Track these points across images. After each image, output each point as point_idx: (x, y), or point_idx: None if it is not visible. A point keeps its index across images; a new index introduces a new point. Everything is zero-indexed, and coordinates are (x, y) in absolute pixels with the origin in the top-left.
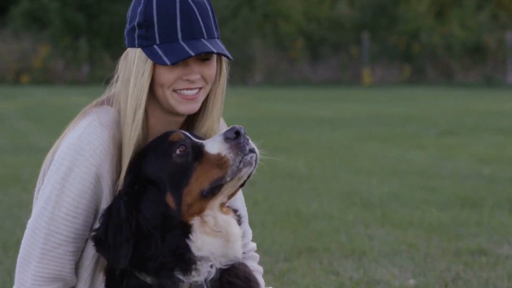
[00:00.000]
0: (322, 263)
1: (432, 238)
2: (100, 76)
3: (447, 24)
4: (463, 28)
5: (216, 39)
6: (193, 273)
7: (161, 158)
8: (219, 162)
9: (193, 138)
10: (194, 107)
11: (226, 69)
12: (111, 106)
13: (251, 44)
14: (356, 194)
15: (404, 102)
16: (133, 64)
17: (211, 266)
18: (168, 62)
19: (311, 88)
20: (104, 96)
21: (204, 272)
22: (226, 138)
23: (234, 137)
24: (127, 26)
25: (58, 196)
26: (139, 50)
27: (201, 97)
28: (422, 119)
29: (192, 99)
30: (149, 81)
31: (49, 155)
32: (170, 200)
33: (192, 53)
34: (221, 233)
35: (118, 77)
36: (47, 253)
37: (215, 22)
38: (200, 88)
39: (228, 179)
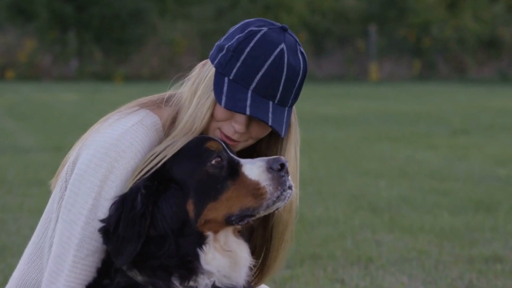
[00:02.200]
0: (327, 271)
1: (444, 244)
2: (89, 72)
3: (459, 16)
4: (476, 21)
5: (286, 107)
6: (191, 283)
7: (193, 163)
8: (256, 191)
9: (230, 153)
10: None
11: (297, 126)
12: (161, 108)
13: None
14: (363, 197)
15: (414, 99)
16: (204, 80)
17: (211, 281)
18: (222, 104)
19: (315, 84)
20: (160, 95)
21: (202, 284)
22: (270, 168)
23: (278, 169)
24: (222, 39)
25: (96, 200)
26: (213, 70)
27: (239, 147)
28: (433, 117)
29: (231, 143)
30: (210, 110)
31: (77, 146)
32: (190, 208)
33: (247, 113)
34: (231, 253)
35: (188, 80)
36: (80, 261)
37: (298, 91)
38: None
39: (262, 212)
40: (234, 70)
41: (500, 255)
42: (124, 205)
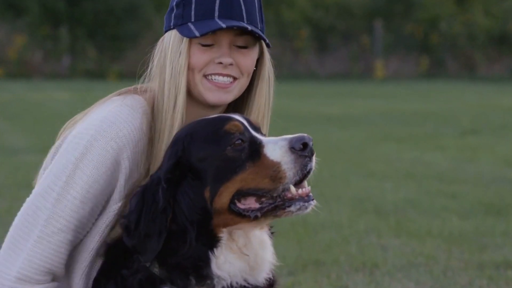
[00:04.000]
0: (330, 277)
1: (452, 249)
2: (82, 69)
3: (469, 11)
4: (487, 16)
5: (258, 29)
6: (208, 281)
7: (212, 148)
8: (274, 174)
9: (252, 131)
10: (225, 97)
11: (271, 64)
12: (141, 93)
13: None
14: (368, 200)
15: (421, 98)
16: (169, 47)
17: (228, 283)
18: (197, 34)
19: (317, 82)
20: (133, 86)
21: (218, 284)
22: (292, 148)
23: (301, 148)
24: (168, 10)
25: (70, 177)
26: (174, 31)
27: (235, 89)
28: (441, 117)
29: (223, 87)
30: (186, 62)
31: (60, 136)
32: (207, 195)
33: (224, 25)
34: (248, 258)
35: (153, 65)
36: (45, 237)
37: (261, 14)
38: (234, 79)
39: (275, 195)
40: (192, 13)
41: (511, 261)
42: (144, 200)
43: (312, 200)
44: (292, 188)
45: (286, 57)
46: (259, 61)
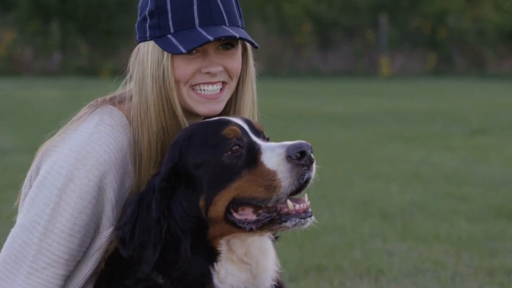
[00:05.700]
0: (333, 284)
1: (461, 254)
2: (74, 66)
3: (478, 5)
4: (497, 11)
5: (240, 28)
6: None
7: (209, 154)
8: (269, 183)
9: (251, 136)
10: (215, 108)
11: (254, 64)
12: (118, 104)
13: (250, 29)
14: (373, 203)
15: (429, 96)
16: (147, 60)
17: None
18: (183, 50)
19: (320, 79)
20: (113, 94)
21: None
22: (288, 157)
23: (298, 157)
24: (138, 18)
25: (54, 210)
26: (151, 43)
27: (225, 96)
28: (449, 116)
29: (213, 98)
30: (173, 78)
31: (37, 157)
32: (202, 204)
33: (211, 38)
34: (250, 266)
35: (130, 77)
36: (35, 273)
37: (238, 10)
38: (223, 84)
39: (270, 205)
40: (170, 23)
41: None
42: (139, 209)
43: (310, 216)
44: (289, 203)
45: (287, 54)
46: (243, 57)
